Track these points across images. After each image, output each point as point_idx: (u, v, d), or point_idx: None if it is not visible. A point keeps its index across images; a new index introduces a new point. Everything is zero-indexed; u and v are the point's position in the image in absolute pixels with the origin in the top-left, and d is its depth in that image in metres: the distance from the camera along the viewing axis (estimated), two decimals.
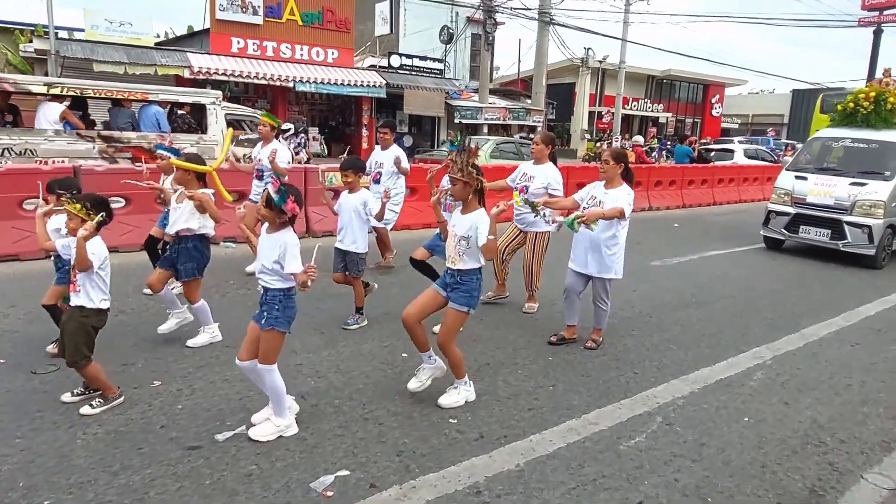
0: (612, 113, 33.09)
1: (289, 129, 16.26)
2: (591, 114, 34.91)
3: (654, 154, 31.34)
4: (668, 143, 35.62)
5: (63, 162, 8.03)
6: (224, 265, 6.71)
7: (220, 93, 11.89)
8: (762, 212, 9.73)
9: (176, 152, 5.38)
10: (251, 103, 20.85)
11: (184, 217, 4.35)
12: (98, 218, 3.34)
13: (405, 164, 6.76)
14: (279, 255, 3.15)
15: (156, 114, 10.00)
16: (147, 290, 4.73)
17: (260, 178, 6.36)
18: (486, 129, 24.28)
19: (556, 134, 33.42)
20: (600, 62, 32.89)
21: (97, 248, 3.40)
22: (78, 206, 3.31)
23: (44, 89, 9.28)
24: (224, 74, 18.48)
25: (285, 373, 4.16)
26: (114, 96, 9.92)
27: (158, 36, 25.23)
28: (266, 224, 3.28)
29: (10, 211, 6.58)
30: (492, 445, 3.34)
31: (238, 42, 19.50)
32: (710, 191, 15.01)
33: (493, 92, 26.38)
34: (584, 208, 4.63)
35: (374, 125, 19.22)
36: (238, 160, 6.93)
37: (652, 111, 39.48)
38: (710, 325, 5.69)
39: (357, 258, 5.03)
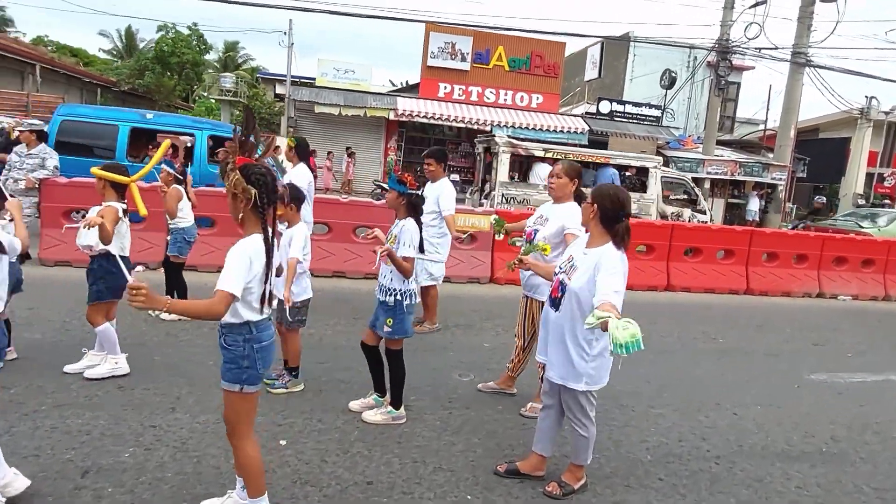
0: None
1: None
2: (869, 175, 28.30)
3: None
4: None
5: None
6: None
7: (660, 158, 14.15)
8: None
9: (170, 164, 5.17)
10: (455, 146, 21.30)
11: (84, 232, 3.91)
12: None
13: (445, 202, 5.58)
14: None
15: (612, 175, 12.17)
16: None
17: None
18: (708, 184, 21.07)
19: (826, 196, 27.68)
20: (886, 113, 26.58)
21: None
22: None
23: (541, 153, 12.39)
24: (426, 117, 19.12)
25: (129, 431, 3.38)
26: (587, 160, 12.70)
27: (393, 84, 27.60)
28: None
29: (345, 236, 7.85)
30: None
31: (445, 87, 20.10)
32: None
33: (724, 143, 22.96)
34: (542, 238, 3.77)
35: None
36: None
37: None
38: (814, 497, 3.36)
39: (291, 307, 4.05)
